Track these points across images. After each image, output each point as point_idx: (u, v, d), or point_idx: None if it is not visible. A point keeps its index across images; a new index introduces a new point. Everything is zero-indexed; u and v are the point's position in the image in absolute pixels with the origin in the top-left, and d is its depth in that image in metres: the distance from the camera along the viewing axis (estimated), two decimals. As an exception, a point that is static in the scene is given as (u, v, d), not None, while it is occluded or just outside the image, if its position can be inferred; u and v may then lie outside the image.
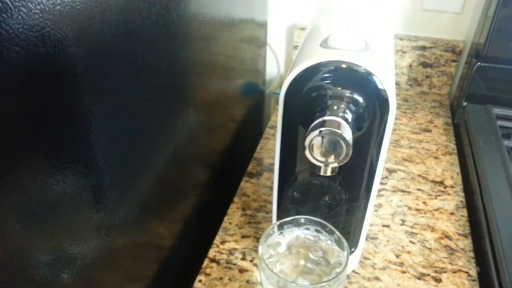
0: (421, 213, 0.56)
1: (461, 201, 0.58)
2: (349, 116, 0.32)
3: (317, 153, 0.31)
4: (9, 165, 0.22)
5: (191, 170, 0.52)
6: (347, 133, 0.30)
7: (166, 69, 0.39)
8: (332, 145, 0.31)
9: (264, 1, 0.74)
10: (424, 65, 0.81)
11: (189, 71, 0.46)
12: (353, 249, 0.46)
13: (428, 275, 0.48)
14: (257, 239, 0.51)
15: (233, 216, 0.56)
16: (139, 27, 0.33)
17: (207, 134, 0.55)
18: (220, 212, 0.57)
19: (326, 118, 0.31)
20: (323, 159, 0.31)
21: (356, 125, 0.33)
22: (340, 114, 0.31)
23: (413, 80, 0.84)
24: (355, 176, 0.39)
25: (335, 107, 0.31)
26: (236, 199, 0.58)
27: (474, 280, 0.47)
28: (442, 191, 0.60)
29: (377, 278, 0.47)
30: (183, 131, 0.46)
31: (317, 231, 0.41)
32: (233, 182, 0.63)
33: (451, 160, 0.65)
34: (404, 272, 0.48)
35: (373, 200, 0.41)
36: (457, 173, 0.63)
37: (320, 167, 0.32)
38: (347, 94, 0.32)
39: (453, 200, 0.58)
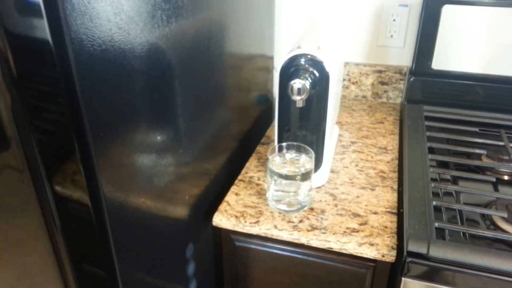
0: (369, 162, 0.90)
1: (396, 156, 0.92)
2: (308, 80, 0.68)
3: (294, 93, 0.67)
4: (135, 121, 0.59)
5: (224, 137, 0.87)
6: (306, 84, 0.66)
7: (212, 84, 0.77)
8: (300, 91, 0.66)
9: (271, 41, 1.13)
10: (382, 83, 1.18)
11: (224, 87, 0.83)
12: (320, 165, 0.80)
13: (368, 187, 0.81)
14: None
15: (252, 162, 0.90)
16: (198, 54, 0.71)
17: (234, 125, 0.92)
18: (243, 160, 0.91)
19: (296, 80, 0.67)
20: (297, 97, 0.67)
21: (312, 85, 0.69)
22: (303, 78, 0.67)
23: (375, 94, 1.20)
24: (315, 117, 0.74)
25: (302, 76, 0.68)
26: (254, 155, 0.93)
27: (395, 190, 0.80)
28: (384, 152, 0.94)
29: (336, 188, 0.81)
30: (219, 119, 0.82)
31: (300, 152, 0.76)
32: (250, 148, 0.98)
33: (394, 138, 1.00)
34: (353, 185, 0.82)
35: (328, 133, 0.76)
36: (396, 143, 0.97)
37: (295, 101, 0.67)
38: (309, 69, 0.68)
39: (390, 156, 0.92)
